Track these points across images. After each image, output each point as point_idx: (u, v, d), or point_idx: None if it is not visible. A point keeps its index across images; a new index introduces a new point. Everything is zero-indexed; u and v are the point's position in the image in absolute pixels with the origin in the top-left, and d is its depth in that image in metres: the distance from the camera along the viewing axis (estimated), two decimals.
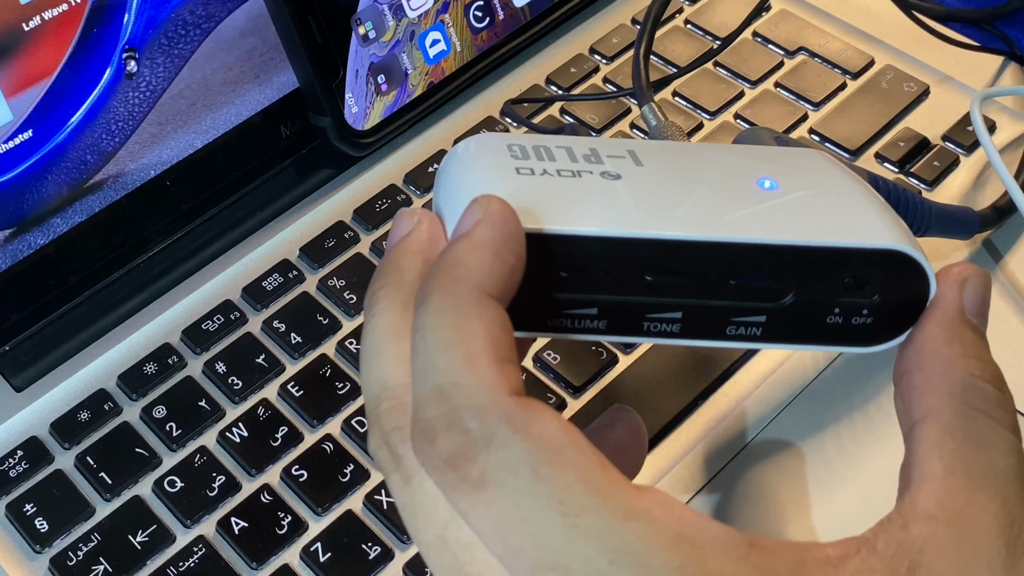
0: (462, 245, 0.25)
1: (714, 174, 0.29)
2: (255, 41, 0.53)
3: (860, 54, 0.61)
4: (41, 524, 0.44)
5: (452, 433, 0.22)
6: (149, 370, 0.49)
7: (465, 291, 0.24)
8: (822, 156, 0.31)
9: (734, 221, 0.26)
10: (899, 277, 0.27)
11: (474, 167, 0.28)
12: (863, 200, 0.28)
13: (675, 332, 0.27)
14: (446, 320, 0.23)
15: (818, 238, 0.26)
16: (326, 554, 0.43)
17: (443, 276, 0.24)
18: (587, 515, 0.21)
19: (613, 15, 0.64)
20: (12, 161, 0.46)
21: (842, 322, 0.27)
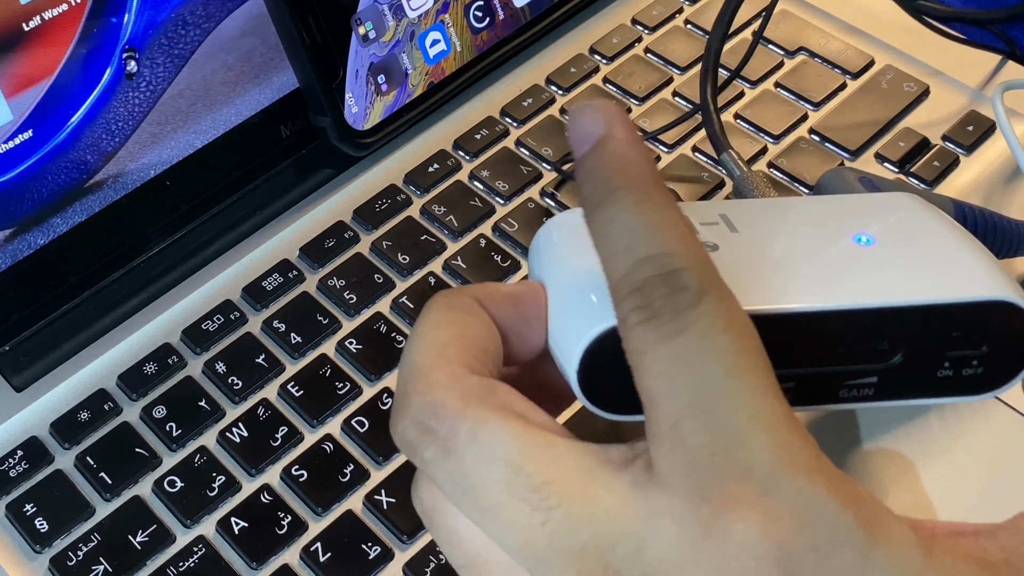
0: (618, 145, 0.25)
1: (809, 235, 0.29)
2: (255, 41, 0.52)
3: (860, 54, 0.61)
4: (41, 524, 0.44)
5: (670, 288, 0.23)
6: (149, 370, 0.49)
7: (650, 180, 0.25)
8: (910, 198, 0.31)
9: (838, 288, 0.27)
10: (1005, 325, 0.27)
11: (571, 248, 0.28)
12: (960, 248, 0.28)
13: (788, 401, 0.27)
14: (645, 207, 0.24)
15: (922, 297, 0.26)
16: (326, 554, 0.43)
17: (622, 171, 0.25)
18: (748, 374, 0.23)
19: (613, 15, 0.64)
20: (12, 161, 0.46)
21: (953, 375, 0.27)
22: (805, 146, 0.57)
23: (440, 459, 0.25)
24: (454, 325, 0.26)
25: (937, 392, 0.28)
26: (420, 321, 0.27)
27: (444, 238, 0.54)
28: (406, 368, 0.26)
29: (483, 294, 0.27)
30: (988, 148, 0.56)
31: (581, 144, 0.26)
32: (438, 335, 0.26)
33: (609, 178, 0.25)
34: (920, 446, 0.45)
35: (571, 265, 0.28)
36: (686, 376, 0.23)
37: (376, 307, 0.51)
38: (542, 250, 0.29)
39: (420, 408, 0.25)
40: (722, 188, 0.55)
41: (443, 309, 0.27)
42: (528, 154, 0.57)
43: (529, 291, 0.28)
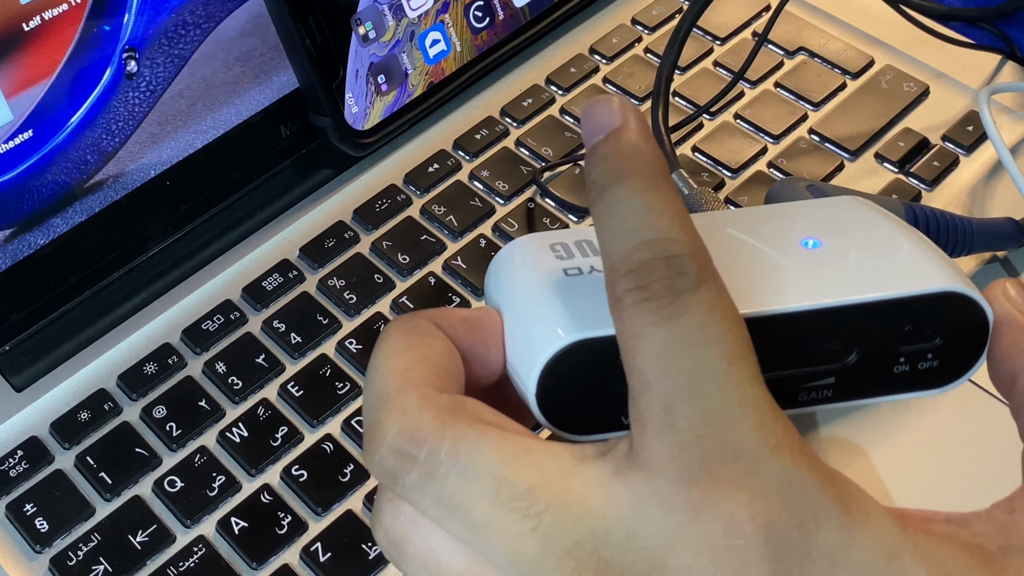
0: (631, 135, 0.26)
1: (756, 243, 0.29)
2: (255, 41, 0.53)
3: (860, 54, 0.61)
4: (41, 524, 0.44)
5: (669, 271, 0.24)
6: (149, 370, 0.49)
7: (658, 170, 0.25)
8: (857, 201, 0.31)
9: (787, 291, 0.27)
10: (957, 316, 0.27)
11: (522, 273, 0.28)
12: (906, 244, 0.28)
13: None
14: (653, 194, 0.25)
15: (871, 293, 0.27)
16: (326, 554, 0.43)
17: (633, 159, 0.25)
18: (740, 363, 0.23)
19: (613, 15, 0.64)
20: (12, 161, 0.46)
21: (909, 370, 0.27)
22: (805, 146, 0.57)
23: (423, 483, 0.24)
24: (415, 349, 0.26)
25: (896, 389, 0.28)
26: (379, 348, 0.27)
27: (444, 238, 0.54)
28: (372, 397, 0.26)
29: (439, 318, 0.27)
30: (988, 148, 0.56)
31: (595, 133, 0.26)
32: (400, 360, 0.26)
33: (621, 164, 0.25)
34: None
35: (525, 289, 0.28)
36: (681, 359, 0.23)
37: (376, 307, 0.51)
38: (497, 276, 0.29)
39: (396, 435, 0.25)
40: (722, 187, 0.55)
41: (401, 334, 0.27)
42: (528, 154, 0.57)
43: (485, 316, 0.28)
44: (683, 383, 0.23)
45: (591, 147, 0.26)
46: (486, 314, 0.28)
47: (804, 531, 0.23)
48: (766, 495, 0.23)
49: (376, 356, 0.26)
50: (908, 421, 0.46)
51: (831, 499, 0.23)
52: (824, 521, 0.23)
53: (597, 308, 0.26)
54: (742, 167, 0.56)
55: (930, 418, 0.46)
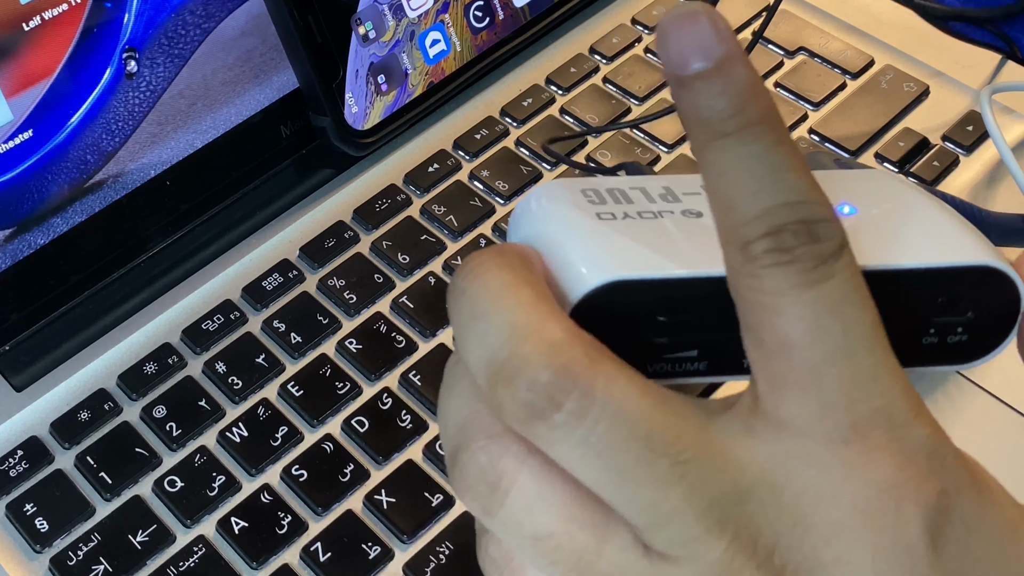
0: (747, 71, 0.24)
1: None
2: (255, 41, 0.53)
3: (860, 54, 0.61)
4: (41, 524, 0.44)
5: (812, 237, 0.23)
6: (149, 370, 0.49)
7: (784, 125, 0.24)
8: (891, 176, 0.31)
9: None
10: (990, 292, 0.27)
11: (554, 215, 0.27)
12: (943, 218, 0.28)
13: None
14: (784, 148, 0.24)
15: (908, 260, 0.27)
16: (326, 554, 0.43)
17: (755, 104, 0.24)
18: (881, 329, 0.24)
19: (613, 15, 0.64)
20: (12, 161, 0.46)
21: (938, 342, 0.27)
22: (805, 146, 0.57)
23: (573, 421, 0.23)
24: (529, 284, 0.24)
25: (923, 360, 0.28)
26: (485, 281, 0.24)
27: (444, 238, 0.54)
28: (505, 329, 0.24)
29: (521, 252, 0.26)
30: (988, 148, 0.56)
31: (695, 56, 0.24)
32: (523, 293, 0.24)
33: (743, 106, 0.24)
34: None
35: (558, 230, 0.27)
36: (832, 322, 0.23)
37: (376, 307, 0.51)
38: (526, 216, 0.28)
39: (546, 368, 0.23)
40: None
41: (506, 268, 0.25)
42: (528, 154, 0.57)
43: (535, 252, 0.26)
44: (834, 345, 0.23)
45: (693, 75, 0.24)
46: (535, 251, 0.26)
47: (946, 498, 0.23)
48: (916, 461, 0.23)
49: (487, 288, 0.24)
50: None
51: (964, 468, 0.24)
52: (961, 490, 0.23)
53: (632, 253, 0.25)
54: None
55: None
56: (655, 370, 0.26)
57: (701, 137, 0.24)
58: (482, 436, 0.24)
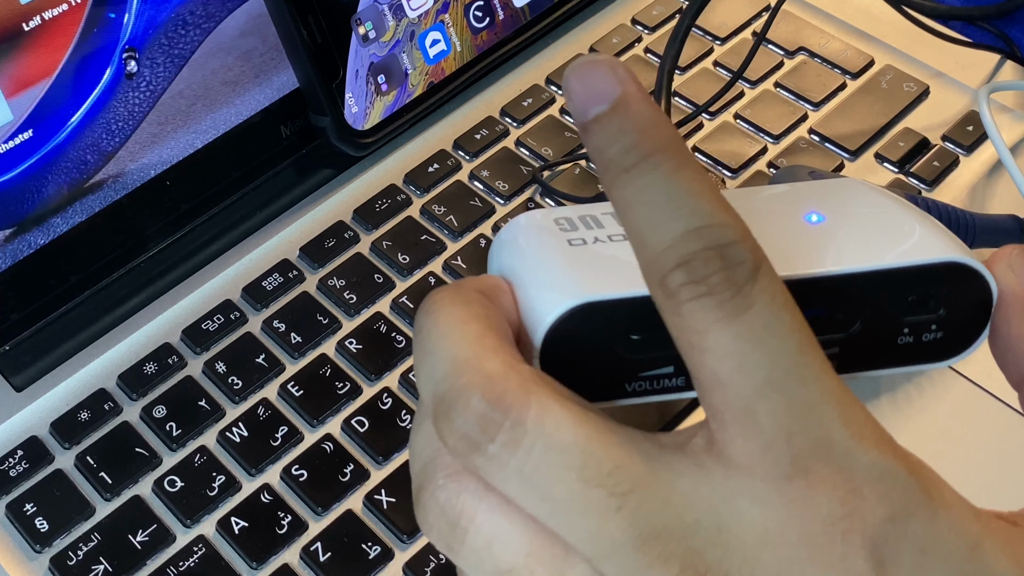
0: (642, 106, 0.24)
1: (762, 216, 0.29)
2: (255, 41, 0.53)
3: (860, 54, 0.61)
4: (41, 524, 0.44)
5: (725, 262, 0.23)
6: (149, 370, 0.49)
7: (683, 148, 0.24)
8: (859, 183, 0.31)
9: (790, 259, 0.27)
10: (960, 287, 0.27)
11: (524, 246, 0.28)
12: (909, 218, 0.29)
13: None
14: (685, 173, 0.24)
15: (874, 262, 0.27)
16: (326, 554, 0.43)
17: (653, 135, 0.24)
18: (811, 352, 0.23)
19: (613, 15, 0.64)
20: (12, 161, 0.46)
21: (913, 341, 0.27)
22: (805, 146, 0.57)
23: (506, 452, 0.23)
24: (479, 318, 0.25)
25: (900, 360, 0.28)
26: (438, 318, 0.25)
27: (444, 238, 0.54)
28: (446, 363, 0.24)
29: (484, 286, 0.26)
30: (988, 148, 0.56)
31: (594, 102, 0.24)
32: (471, 327, 0.25)
33: (640, 141, 0.24)
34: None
35: (530, 259, 0.27)
36: (757, 356, 0.23)
37: (376, 307, 0.51)
38: (502, 248, 0.29)
39: (480, 400, 0.24)
40: (722, 187, 0.55)
41: (459, 304, 0.25)
42: (528, 154, 0.57)
43: (504, 285, 0.27)
44: (762, 380, 0.23)
45: (592, 119, 0.24)
46: (500, 280, 0.27)
47: (896, 523, 0.23)
48: (861, 489, 0.23)
49: (438, 325, 0.25)
50: (904, 421, 0.46)
51: (918, 488, 0.23)
52: (914, 511, 0.23)
53: (602, 275, 0.26)
54: (742, 167, 0.56)
55: (926, 417, 0.46)
56: (634, 389, 0.27)
57: (607, 177, 0.24)
58: (441, 475, 0.25)
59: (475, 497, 0.24)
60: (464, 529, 0.24)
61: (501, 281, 0.27)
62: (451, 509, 0.25)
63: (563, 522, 0.23)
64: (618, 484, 0.23)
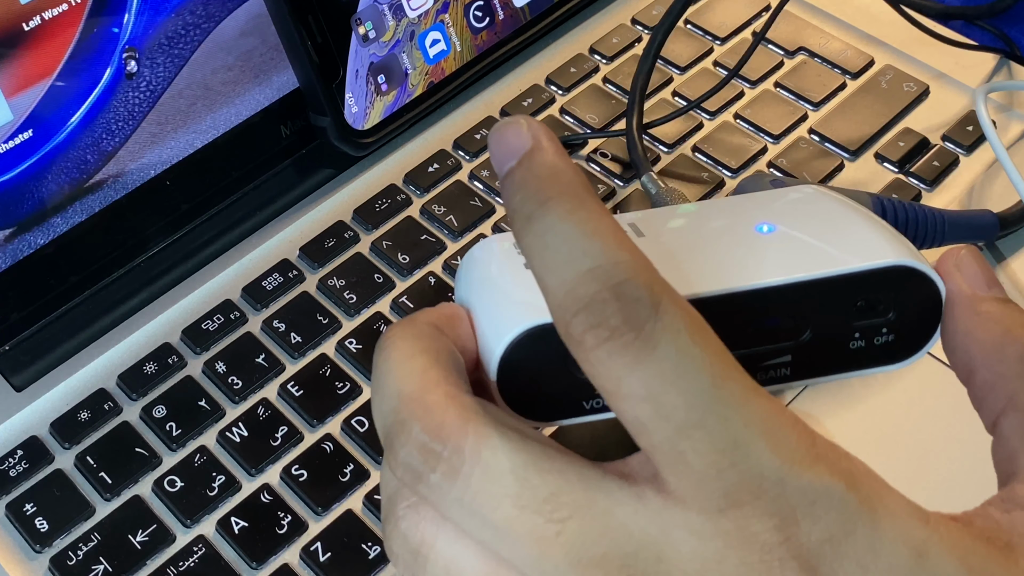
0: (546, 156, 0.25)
1: (713, 230, 0.29)
2: (255, 41, 0.53)
3: (860, 54, 0.61)
4: (41, 524, 0.44)
5: (622, 303, 0.23)
6: (149, 370, 0.49)
7: (582, 190, 0.24)
8: (814, 189, 0.32)
9: (739, 272, 0.27)
10: (906, 289, 0.27)
11: (481, 273, 0.29)
12: (856, 223, 0.29)
13: None
14: (580, 215, 0.24)
15: (820, 270, 0.27)
16: (326, 554, 0.43)
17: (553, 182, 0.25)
18: (729, 381, 0.23)
19: (613, 15, 0.64)
20: (12, 161, 0.46)
21: (865, 345, 0.28)
22: (805, 146, 0.57)
23: (447, 481, 0.24)
24: (427, 352, 0.26)
25: (854, 365, 0.28)
26: (388, 353, 0.26)
27: (444, 238, 0.54)
28: (391, 398, 0.25)
29: (435, 319, 0.27)
30: (987, 148, 0.56)
31: (507, 159, 0.25)
32: (416, 362, 0.26)
33: (540, 188, 0.24)
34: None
35: (487, 284, 0.28)
36: (671, 398, 0.23)
37: (376, 307, 0.51)
38: (462, 275, 0.30)
39: (420, 432, 0.24)
40: (722, 187, 0.55)
41: (408, 338, 0.26)
42: None
43: (460, 312, 0.28)
44: (681, 421, 0.23)
45: (505, 174, 0.25)
46: (461, 311, 0.28)
47: (834, 543, 0.23)
48: (795, 515, 0.23)
49: (386, 360, 0.26)
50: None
51: (857, 504, 0.23)
52: (853, 529, 0.23)
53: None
54: (742, 167, 0.56)
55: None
56: (592, 406, 0.27)
57: (514, 228, 0.25)
58: (402, 505, 0.25)
59: (433, 525, 0.25)
60: (424, 557, 0.25)
61: (459, 309, 0.28)
62: (411, 538, 0.25)
63: (506, 548, 0.24)
64: (555, 511, 0.23)
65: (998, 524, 0.24)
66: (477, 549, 0.24)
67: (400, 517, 0.25)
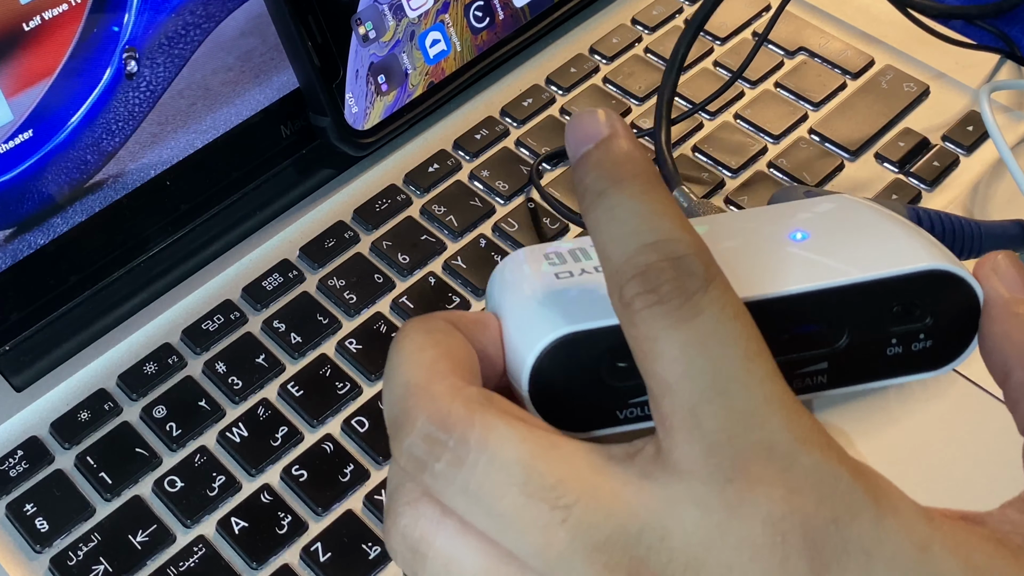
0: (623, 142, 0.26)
1: (747, 238, 0.29)
2: (255, 41, 0.53)
3: (860, 54, 0.61)
4: (41, 524, 0.44)
5: (678, 272, 0.24)
6: (149, 370, 0.49)
7: (654, 175, 0.26)
8: (847, 198, 0.32)
9: (774, 278, 0.27)
10: (944, 294, 0.27)
11: (514, 284, 0.29)
12: (891, 229, 0.29)
13: None
14: (651, 196, 0.25)
15: (856, 275, 0.27)
16: (326, 554, 0.43)
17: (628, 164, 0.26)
18: (759, 359, 0.24)
19: (613, 15, 0.64)
20: (12, 161, 0.46)
21: (903, 351, 0.27)
22: (805, 146, 0.57)
23: (452, 470, 0.24)
24: (438, 345, 0.26)
25: (892, 372, 0.28)
26: (400, 345, 0.27)
27: (444, 238, 0.54)
28: (399, 387, 0.26)
29: (453, 318, 0.28)
30: (988, 148, 0.56)
31: (583, 143, 0.26)
32: (426, 354, 0.26)
33: (615, 170, 0.26)
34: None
35: (519, 294, 0.28)
36: (702, 361, 0.23)
37: (376, 307, 0.51)
38: (495, 284, 0.30)
39: (426, 421, 0.25)
40: (722, 187, 0.55)
41: (421, 332, 0.27)
42: (528, 154, 0.57)
43: (489, 319, 0.28)
44: (707, 384, 0.23)
45: (581, 156, 0.26)
46: (489, 318, 0.28)
47: (840, 524, 0.23)
48: (802, 490, 0.23)
49: (398, 352, 0.27)
50: (902, 418, 0.46)
51: (863, 491, 0.23)
52: (858, 514, 0.23)
53: (585, 305, 0.26)
54: (742, 167, 0.56)
55: (925, 415, 0.46)
56: (626, 416, 0.27)
57: (583, 204, 0.26)
58: (403, 502, 0.26)
59: (432, 522, 0.25)
60: (423, 554, 0.25)
61: (490, 316, 0.28)
62: (411, 535, 0.25)
63: (511, 537, 0.24)
64: (561, 497, 0.24)
65: (1014, 524, 0.25)
66: (479, 544, 0.25)
67: (400, 514, 0.26)
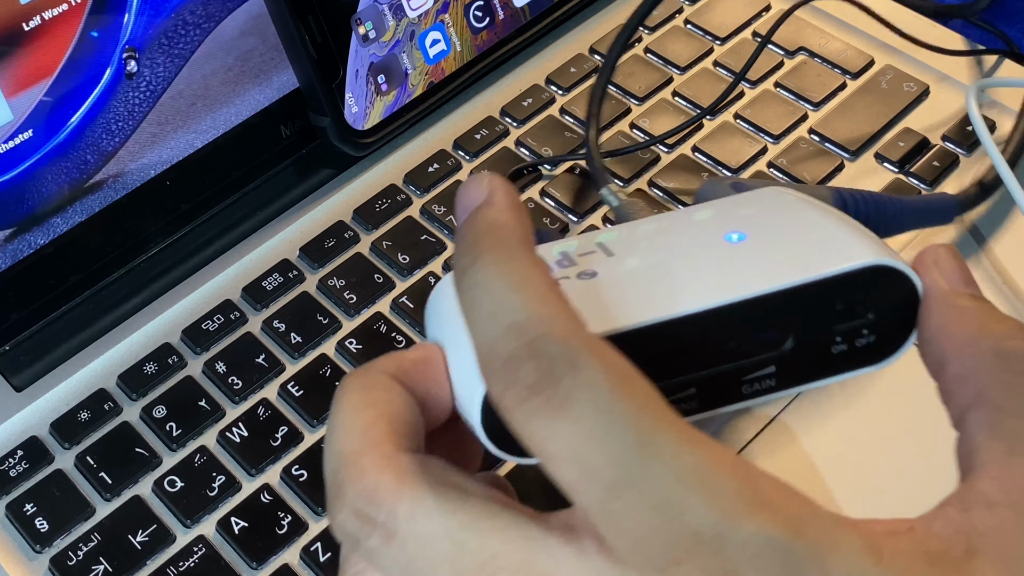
0: (491, 211, 0.25)
1: (683, 243, 0.29)
2: (255, 41, 0.53)
3: (860, 54, 0.61)
4: (41, 524, 0.44)
5: (538, 360, 0.22)
6: (149, 370, 0.49)
7: (516, 243, 0.24)
8: (779, 191, 0.31)
9: (715, 286, 0.27)
10: (884, 289, 0.27)
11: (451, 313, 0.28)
12: (827, 225, 0.29)
13: (695, 408, 0.27)
14: (507, 268, 0.24)
15: (796, 277, 0.27)
16: (326, 554, 0.43)
17: (489, 236, 0.25)
18: (658, 435, 0.22)
19: (613, 15, 0.64)
20: (12, 161, 0.46)
21: (847, 348, 0.27)
22: (805, 146, 0.57)
23: (384, 546, 0.24)
24: (374, 405, 0.25)
25: (838, 369, 0.28)
26: (337, 406, 0.26)
27: (444, 238, 0.54)
28: (333, 457, 0.25)
29: (393, 367, 0.27)
30: None
31: (463, 211, 0.26)
32: (360, 418, 0.25)
33: (475, 243, 0.24)
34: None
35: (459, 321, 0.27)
36: (597, 458, 0.22)
37: (376, 307, 0.51)
38: (432, 312, 0.29)
39: (355, 496, 0.24)
40: None
41: (358, 391, 0.26)
42: (528, 154, 0.57)
43: (431, 353, 0.27)
44: (610, 482, 0.22)
45: (458, 226, 0.25)
46: (431, 351, 0.27)
47: None
48: (736, 570, 0.22)
49: (335, 415, 0.26)
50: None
51: (802, 549, 0.22)
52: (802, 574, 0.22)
53: None
54: (742, 167, 0.56)
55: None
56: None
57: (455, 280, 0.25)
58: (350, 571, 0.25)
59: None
60: None
61: (432, 352, 0.27)
62: None
63: None
64: (494, 574, 0.23)
65: (957, 527, 0.24)
66: None
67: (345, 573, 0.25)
